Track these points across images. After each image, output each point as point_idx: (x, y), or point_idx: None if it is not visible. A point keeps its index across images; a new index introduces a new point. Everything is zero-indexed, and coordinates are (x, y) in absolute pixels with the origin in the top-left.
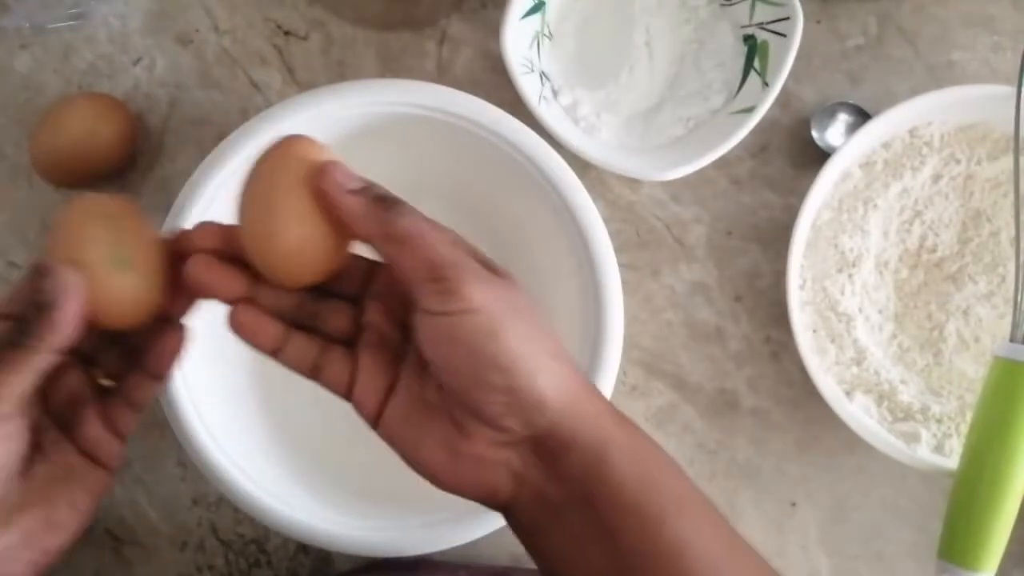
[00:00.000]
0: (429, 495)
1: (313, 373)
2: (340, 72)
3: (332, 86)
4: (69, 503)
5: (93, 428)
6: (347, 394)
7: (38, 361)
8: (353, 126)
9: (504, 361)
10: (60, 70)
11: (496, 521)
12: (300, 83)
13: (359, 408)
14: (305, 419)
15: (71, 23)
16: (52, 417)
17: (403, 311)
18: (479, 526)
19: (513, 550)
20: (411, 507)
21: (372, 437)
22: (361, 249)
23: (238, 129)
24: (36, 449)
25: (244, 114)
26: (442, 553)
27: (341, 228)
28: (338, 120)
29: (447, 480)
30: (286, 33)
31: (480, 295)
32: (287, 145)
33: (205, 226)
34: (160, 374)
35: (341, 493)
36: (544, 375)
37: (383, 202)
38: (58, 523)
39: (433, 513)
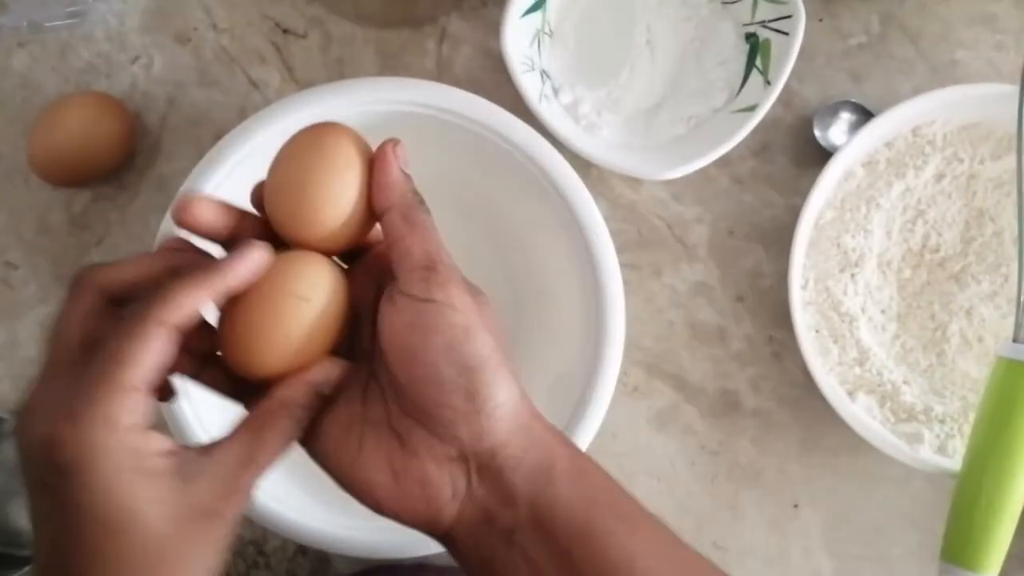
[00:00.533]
0: None
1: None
2: (339, 70)
3: (331, 84)
4: None
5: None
6: None
7: None
8: (352, 124)
9: (472, 362)
10: (58, 69)
11: None
12: (299, 81)
13: None
14: None
15: (69, 21)
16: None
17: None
18: None
19: None
20: None
21: None
22: None
23: (236, 128)
24: None
25: (242, 113)
26: (442, 556)
27: (372, 212)
28: (337, 119)
29: (388, 503)
30: (285, 31)
31: (462, 297)
32: (335, 126)
33: (197, 201)
34: None
35: (340, 494)
36: (503, 388)
37: (417, 195)
38: None
39: None
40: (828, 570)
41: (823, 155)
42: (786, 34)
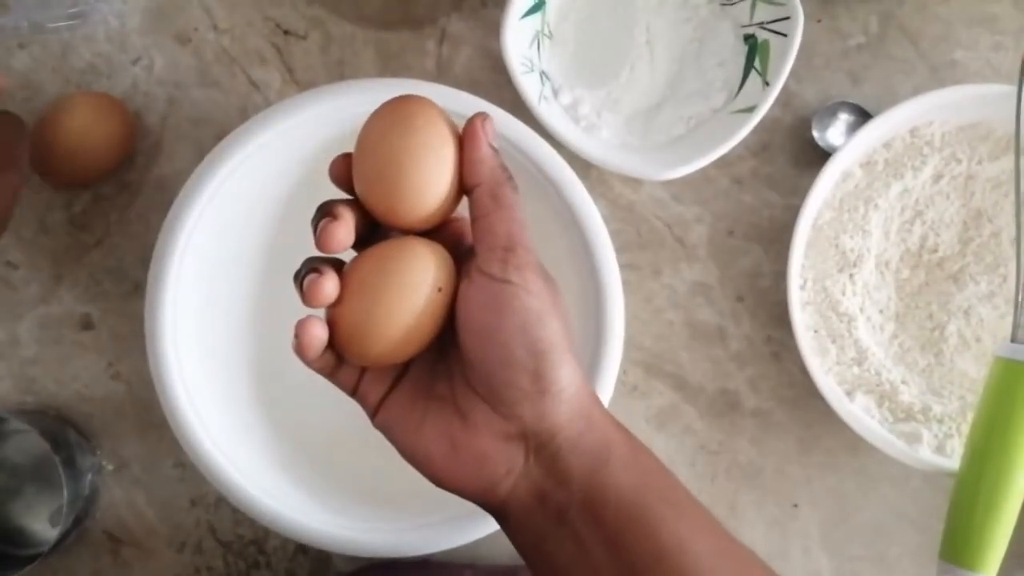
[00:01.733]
0: (428, 497)
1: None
2: (339, 71)
3: (331, 85)
4: None
5: None
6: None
7: None
8: (353, 125)
9: (542, 346)
10: (59, 69)
11: (494, 523)
12: (299, 82)
13: (361, 396)
14: (304, 420)
15: (70, 22)
16: None
17: None
18: (478, 528)
19: (512, 550)
20: (410, 509)
21: (372, 439)
22: None
23: (237, 129)
24: None
25: (243, 113)
26: (443, 553)
27: (460, 188)
28: (338, 119)
29: (444, 473)
30: (285, 32)
31: (537, 282)
32: (420, 101)
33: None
34: None
35: (340, 494)
36: (566, 372)
37: (506, 171)
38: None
39: (432, 514)
40: (827, 570)
41: (822, 156)
42: (784, 35)
